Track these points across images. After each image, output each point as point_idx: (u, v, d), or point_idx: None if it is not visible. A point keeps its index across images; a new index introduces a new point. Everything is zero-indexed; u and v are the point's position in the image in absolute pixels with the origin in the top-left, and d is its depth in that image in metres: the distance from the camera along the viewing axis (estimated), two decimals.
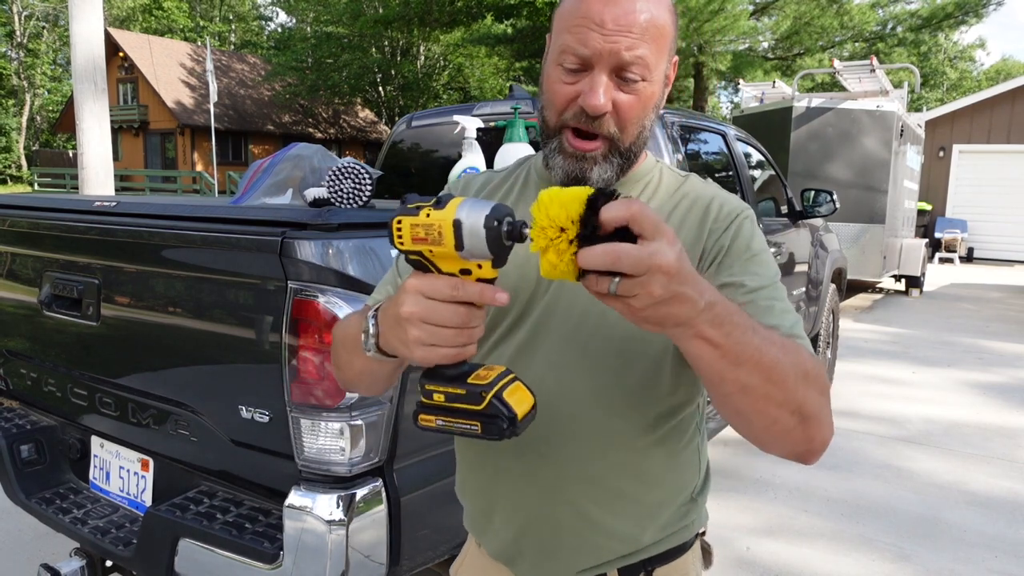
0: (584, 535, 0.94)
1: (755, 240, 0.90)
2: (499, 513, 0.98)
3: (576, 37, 0.83)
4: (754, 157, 3.90)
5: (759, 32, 23.00)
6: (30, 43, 35.43)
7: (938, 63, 39.00)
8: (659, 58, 0.85)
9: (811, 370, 0.74)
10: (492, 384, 0.71)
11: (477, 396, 0.70)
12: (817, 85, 27.69)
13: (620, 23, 0.81)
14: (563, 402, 0.90)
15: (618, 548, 0.95)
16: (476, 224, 0.63)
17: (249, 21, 43.65)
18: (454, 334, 0.68)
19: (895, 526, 3.11)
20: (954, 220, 15.11)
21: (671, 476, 0.96)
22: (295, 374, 1.39)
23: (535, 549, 0.96)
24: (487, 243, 0.64)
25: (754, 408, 0.72)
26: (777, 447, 0.77)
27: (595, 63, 0.83)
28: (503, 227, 0.64)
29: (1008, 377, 5.72)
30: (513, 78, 27.76)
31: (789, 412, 0.72)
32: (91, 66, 5.59)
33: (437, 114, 3.23)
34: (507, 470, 0.95)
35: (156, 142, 28.66)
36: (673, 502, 0.97)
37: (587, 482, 0.92)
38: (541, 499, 0.94)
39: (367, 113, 33.02)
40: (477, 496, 1.03)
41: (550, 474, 0.93)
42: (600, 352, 0.89)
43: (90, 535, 1.78)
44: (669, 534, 0.97)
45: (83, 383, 1.91)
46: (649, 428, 0.92)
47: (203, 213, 1.58)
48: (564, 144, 0.89)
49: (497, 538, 1.00)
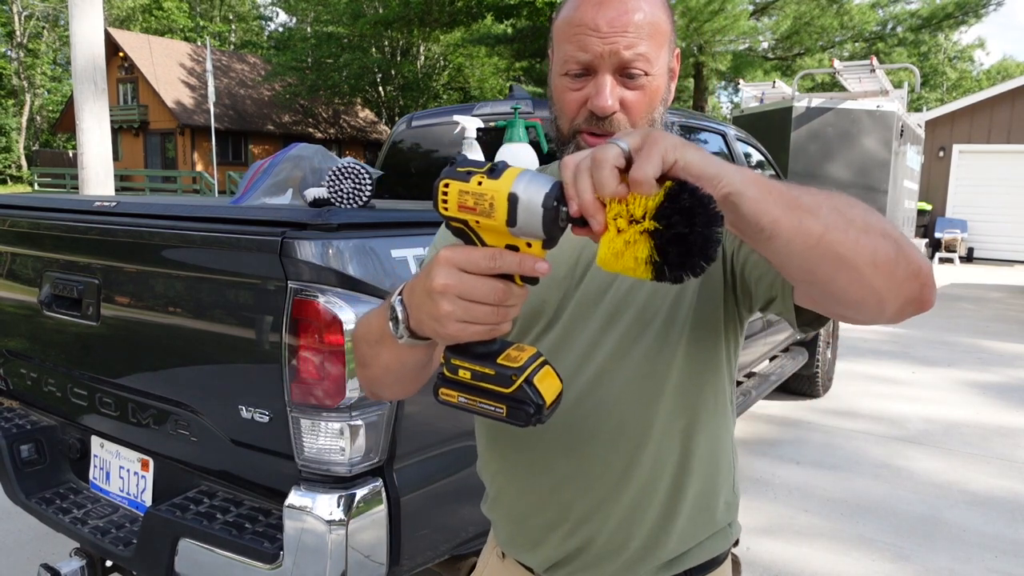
0: (634, 534, 0.92)
1: None
2: (548, 516, 0.95)
3: (575, 44, 0.85)
4: (754, 157, 3.90)
5: (759, 32, 22.99)
6: (30, 43, 35.42)
7: (938, 63, 38.99)
8: (658, 52, 0.87)
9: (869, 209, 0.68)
10: (523, 367, 0.66)
11: (507, 379, 0.66)
12: (817, 85, 27.69)
13: (615, 25, 0.84)
14: (604, 396, 0.90)
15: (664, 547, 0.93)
16: (534, 201, 0.58)
17: (249, 21, 43.65)
18: (490, 311, 0.64)
19: (894, 526, 3.11)
20: (954, 220, 15.11)
21: (712, 469, 0.95)
22: (295, 374, 1.39)
23: (585, 555, 0.94)
24: (543, 223, 0.59)
25: (849, 244, 0.63)
26: (892, 284, 0.67)
27: (597, 66, 0.85)
28: (563, 207, 0.59)
29: (1007, 377, 5.72)
30: (513, 78, 27.75)
31: (881, 236, 0.65)
32: (91, 66, 5.58)
33: (437, 114, 3.23)
34: (552, 469, 0.93)
35: (156, 142, 28.66)
36: (714, 500, 0.95)
37: (635, 480, 0.91)
38: (595, 496, 0.92)
39: (367, 113, 33.02)
40: (517, 505, 0.98)
41: (603, 469, 0.91)
42: (633, 337, 0.89)
43: (90, 535, 1.78)
44: (709, 537, 0.96)
45: (83, 383, 1.91)
46: (690, 419, 0.91)
47: (203, 213, 1.58)
48: (581, 146, 0.90)
49: (545, 545, 0.96)
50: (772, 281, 0.81)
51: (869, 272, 0.65)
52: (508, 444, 0.96)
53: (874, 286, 0.66)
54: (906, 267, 0.66)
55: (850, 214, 0.64)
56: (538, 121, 2.26)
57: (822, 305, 0.73)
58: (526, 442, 0.93)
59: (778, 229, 0.61)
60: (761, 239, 0.63)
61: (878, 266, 0.65)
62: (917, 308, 0.70)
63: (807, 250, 0.63)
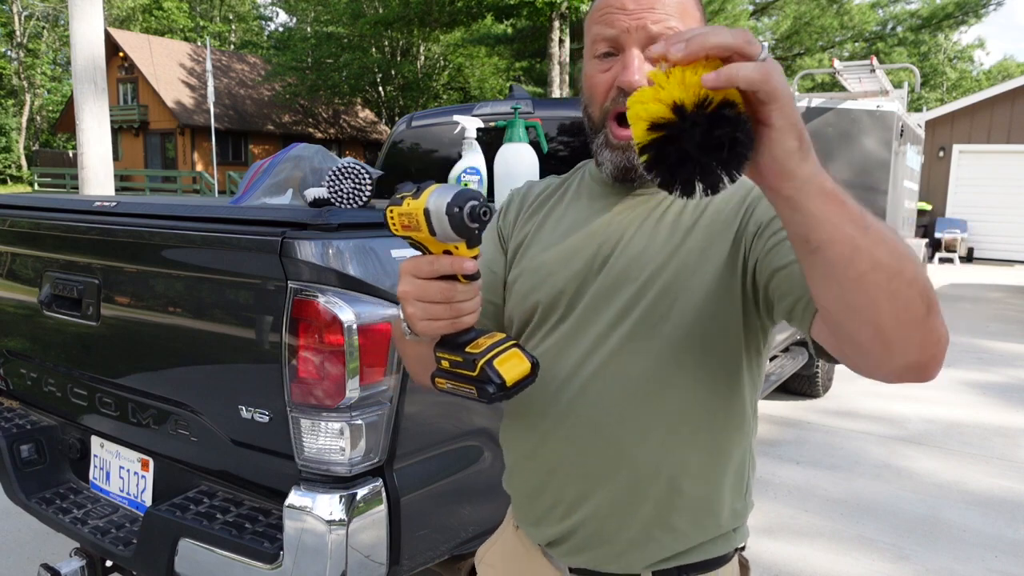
0: (625, 524, 0.92)
1: None
2: (550, 494, 0.97)
3: (604, 23, 0.87)
4: None
5: (759, 32, 23.00)
6: (30, 43, 35.41)
7: (938, 63, 38.98)
8: (688, 27, 0.85)
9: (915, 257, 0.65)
10: (485, 352, 0.76)
11: (471, 363, 0.75)
12: (817, 85, 27.68)
13: (641, 2, 0.85)
14: (605, 389, 0.90)
15: (661, 548, 0.93)
16: (440, 210, 0.68)
17: (249, 21, 43.64)
18: (444, 308, 0.73)
19: (895, 526, 3.11)
20: (954, 220, 15.11)
21: (719, 471, 0.93)
22: (295, 374, 1.39)
23: (581, 534, 0.95)
24: (452, 227, 0.68)
25: (889, 287, 0.61)
26: (905, 344, 0.64)
27: (625, 42, 0.86)
28: (464, 211, 0.68)
29: (1007, 377, 5.72)
30: (513, 78, 27.76)
31: (919, 293, 0.62)
32: (91, 66, 5.59)
33: (437, 114, 3.23)
34: (558, 452, 0.95)
35: (156, 142, 28.66)
36: (718, 503, 0.94)
37: (633, 468, 0.91)
38: (589, 481, 0.93)
39: (367, 113, 33.02)
40: (526, 482, 1.01)
41: (598, 459, 0.92)
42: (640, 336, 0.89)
43: (90, 535, 1.78)
44: (710, 539, 0.95)
45: (83, 383, 1.91)
46: (700, 415, 0.90)
47: (203, 213, 1.58)
48: (609, 137, 0.91)
49: (547, 523, 0.99)
50: (792, 306, 0.79)
51: (891, 324, 0.62)
52: (520, 424, 0.99)
53: (888, 338, 0.64)
54: (926, 335, 0.64)
55: (902, 262, 0.61)
56: (538, 121, 2.26)
57: (833, 339, 0.71)
58: (533, 424, 0.96)
59: (826, 250, 0.60)
60: (805, 249, 0.61)
61: (902, 322, 0.62)
62: (917, 377, 0.68)
63: (845, 280, 0.61)
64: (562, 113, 2.79)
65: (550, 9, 17.79)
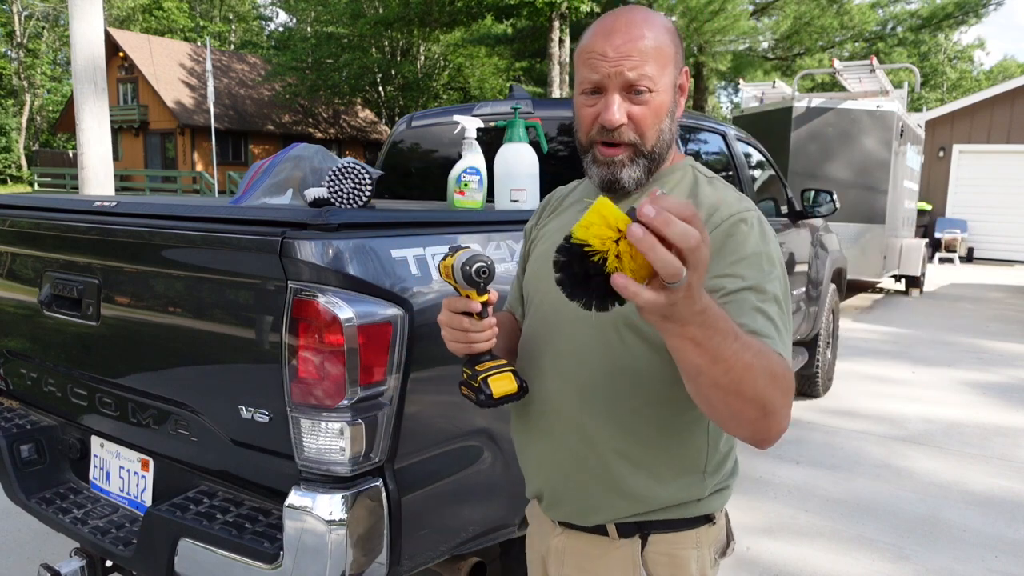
0: (584, 485, 1.10)
1: (749, 243, 0.98)
2: (528, 463, 1.20)
3: (588, 68, 1.03)
4: (754, 157, 3.90)
5: (759, 32, 23.00)
6: (30, 43, 35.42)
7: (938, 63, 38.98)
8: (663, 72, 1.02)
9: (778, 373, 0.83)
10: (485, 371, 1.06)
11: (475, 376, 1.06)
12: (817, 85, 27.69)
13: (620, 51, 1.00)
14: (572, 365, 1.08)
15: (616, 504, 1.08)
16: (458, 267, 1.01)
17: (249, 21, 43.65)
18: (461, 334, 1.04)
19: (894, 526, 3.11)
20: (954, 220, 15.11)
21: (670, 447, 1.06)
22: (295, 374, 1.39)
23: (550, 491, 1.15)
24: (463, 279, 1.01)
25: (723, 402, 0.81)
26: (736, 432, 0.87)
27: (606, 86, 1.02)
28: (471, 270, 1.00)
29: (1008, 377, 5.72)
30: (513, 78, 27.77)
31: (754, 408, 0.81)
32: (91, 66, 5.59)
33: (437, 114, 3.23)
34: (531, 424, 1.16)
35: (156, 142, 28.66)
36: (673, 474, 1.07)
37: (584, 437, 1.08)
38: (551, 453, 1.13)
39: (367, 113, 33.02)
40: (520, 453, 1.23)
41: (561, 432, 1.10)
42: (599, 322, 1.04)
43: (90, 535, 1.78)
44: (671, 505, 1.08)
45: (83, 383, 1.91)
46: (646, 399, 1.04)
47: (203, 213, 1.58)
48: (596, 155, 1.07)
49: (528, 482, 1.22)
50: None
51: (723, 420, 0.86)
52: (515, 412, 1.21)
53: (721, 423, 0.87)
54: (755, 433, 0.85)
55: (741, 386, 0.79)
56: (538, 121, 2.26)
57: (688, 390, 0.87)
58: (520, 410, 1.18)
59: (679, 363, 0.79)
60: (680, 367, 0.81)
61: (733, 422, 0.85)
62: (752, 445, 0.88)
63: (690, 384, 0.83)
64: (562, 113, 2.78)
65: (550, 9, 17.79)
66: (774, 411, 0.83)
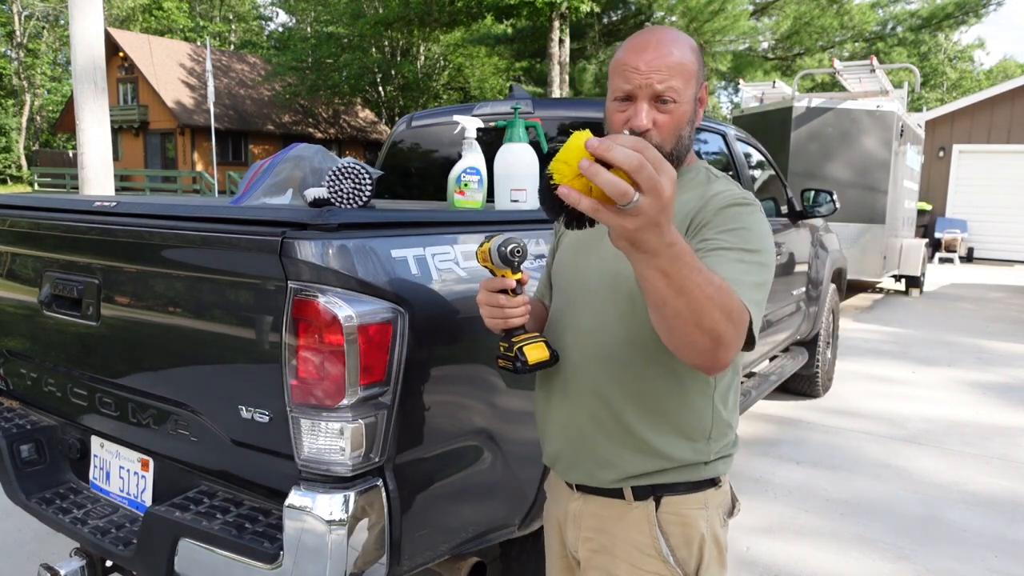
0: (600, 443, 1.22)
1: (743, 219, 1.13)
2: (548, 427, 1.31)
3: (622, 78, 1.18)
4: (754, 157, 3.90)
5: (759, 32, 23.01)
6: (30, 43, 35.41)
7: (938, 63, 38.97)
8: (687, 85, 1.18)
9: (735, 310, 0.93)
10: (520, 342, 1.19)
11: (510, 347, 1.20)
12: (817, 85, 27.69)
13: (651, 65, 1.15)
14: (592, 340, 1.22)
15: (629, 459, 1.20)
16: (493, 251, 1.16)
17: (249, 21, 43.64)
18: (498, 311, 1.19)
19: (894, 526, 3.11)
20: (954, 220, 15.11)
21: (677, 407, 1.19)
22: (295, 374, 1.39)
23: (568, 452, 1.27)
24: (500, 260, 1.15)
25: (682, 329, 0.91)
26: (687, 356, 0.97)
27: (637, 95, 1.17)
28: (506, 250, 1.14)
29: (1008, 377, 5.72)
30: (513, 78, 27.76)
31: (708, 337, 0.91)
32: (91, 66, 5.59)
33: (437, 114, 3.22)
34: (552, 392, 1.28)
35: (156, 142, 28.65)
36: (681, 434, 1.20)
37: (602, 398, 1.21)
38: (570, 414, 1.26)
39: (367, 113, 33.01)
40: (541, 420, 1.34)
41: (576, 390, 1.24)
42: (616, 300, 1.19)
43: (90, 535, 1.78)
44: (679, 466, 1.20)
45: (83, 383, 1.91)
46: (657, 361, 1.16)
47: (203, 213, 1.58)
48: None
49: (547, 446, 1.33)
50: None
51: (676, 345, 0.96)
52: (539, 383, 1.35)
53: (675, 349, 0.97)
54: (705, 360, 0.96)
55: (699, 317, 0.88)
56: (538, 121, 2.26)
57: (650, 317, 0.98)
58: (543, 381, 1.32)
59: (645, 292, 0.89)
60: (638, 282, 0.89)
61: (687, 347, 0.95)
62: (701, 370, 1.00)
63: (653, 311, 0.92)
64: (562, 113, 2.78)
65: (550, 9, 17.78)
66: (726, 342, 0.93)
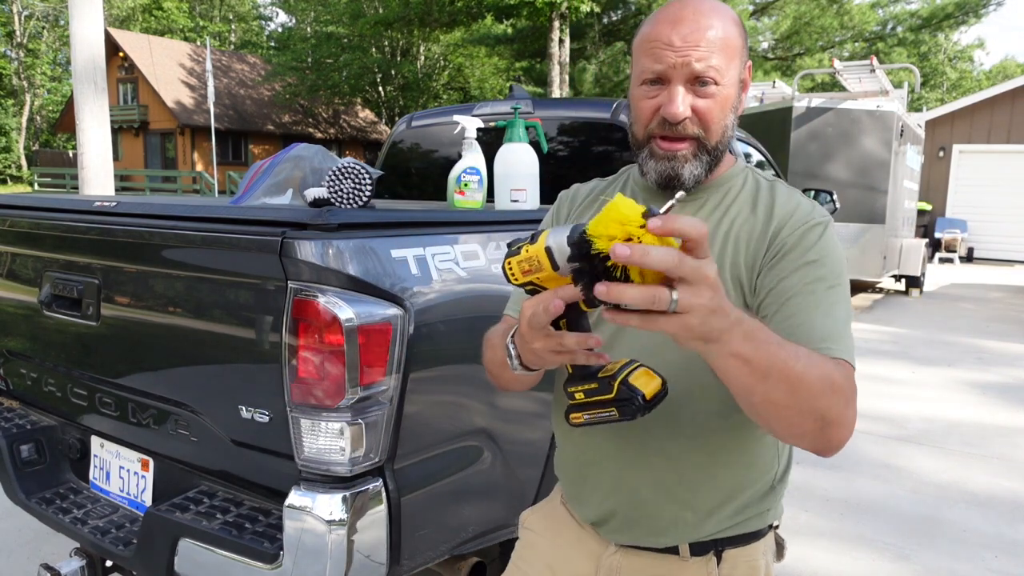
0: (661, 507, 1.04)
1: (816, 248, 0.96)
2: (599, 489, 1.09)
3: (651, 57, 0.95)
4: (754, 157, 3.89)
5: (759, 32, 23.00)
6: (30, 43, 35.40)
7: (938, 63, 38.96)
8: (729, 64, 0.96)
9: (837, 380, 0.80)
10: (617, 373, 0.83)
11: (608, 386, 0.82)
12: (817, 85, 27.67)
13: (688, 40, 0.93)
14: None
15: (691, 524, 1.04)
16: (562, 245, 0.74)
17: (249, 21, 43.65)
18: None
19: (894, 526, 3.11)
20: (954, 220, 15.11)
21: (747, 460, 1.03)
22: (295, 374, 1.39)
23: (618, 518, 1.08)
24: (576, 252, 0.74)
25: (779, 416, 0.78)
26: (796, 443, 0.84)
27: (670, 77, 0.95)
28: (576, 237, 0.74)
29: (1008, 377, 5.72)
30: (513, 78, 27.76)
31: (811, 420, 0.79)
32: (91, 66, 5.59)
33: (437, 114, 3.23)
34: (598, 446, 1.07)
35: (156, 142, 28.66)
36: (749, 486, 1.04)
37: (666, 457, 1.02)
38: (625, 471, 1.05)
39: (367, 113, 33.01)
40: (571, 467, 1.14)
41: (634, 449, 1.03)
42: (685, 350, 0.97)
43: (90, 535, 1.78)
44: (744, 519, 1.05)
45: (83, 383, 1.91)
46: (725, 412, 0.98)
47: (203, 213, 1.58)
48: (655, 149, 1.00)
49: (588, 505, 1.12)
50: None
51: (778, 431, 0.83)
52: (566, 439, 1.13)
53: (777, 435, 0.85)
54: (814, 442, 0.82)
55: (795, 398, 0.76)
56: (538, 121, 2.26)
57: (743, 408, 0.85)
58: (576, 437, 1.09)
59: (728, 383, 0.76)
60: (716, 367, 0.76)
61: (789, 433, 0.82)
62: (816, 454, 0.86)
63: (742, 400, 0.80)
64: (562, 113, 2.78)
65: (550, 9, 17.79)
66: (834, 420, 0.80)
